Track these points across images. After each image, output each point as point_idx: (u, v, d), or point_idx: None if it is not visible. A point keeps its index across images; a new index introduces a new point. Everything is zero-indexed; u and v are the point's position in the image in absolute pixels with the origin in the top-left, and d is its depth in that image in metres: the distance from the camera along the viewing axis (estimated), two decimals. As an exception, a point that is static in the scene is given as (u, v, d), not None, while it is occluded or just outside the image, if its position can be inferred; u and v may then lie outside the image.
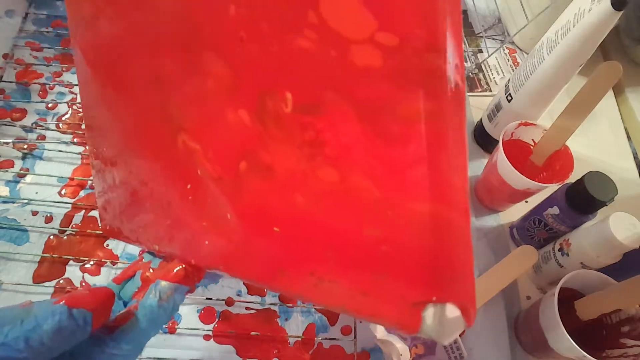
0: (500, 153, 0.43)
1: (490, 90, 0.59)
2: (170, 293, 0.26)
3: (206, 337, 0.42)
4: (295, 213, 0.21)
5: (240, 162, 0.22)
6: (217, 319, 0.43)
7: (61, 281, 0.43)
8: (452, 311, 0.17)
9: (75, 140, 0.50)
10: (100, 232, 0.45)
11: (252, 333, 0.42)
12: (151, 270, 0.28)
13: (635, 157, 0.56)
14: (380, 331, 0.39)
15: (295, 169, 0.20)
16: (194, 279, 0.27)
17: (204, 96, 0.23)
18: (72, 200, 0.47)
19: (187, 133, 0.25)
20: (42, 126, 0.50)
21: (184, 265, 0.27)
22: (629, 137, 0.57)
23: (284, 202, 0.21)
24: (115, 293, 0.26)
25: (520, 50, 0.62)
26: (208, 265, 0.25)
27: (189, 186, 0.26)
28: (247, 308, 0.43)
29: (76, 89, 0.53)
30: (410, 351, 0.39)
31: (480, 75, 0.60)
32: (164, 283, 0.26)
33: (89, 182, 0.48)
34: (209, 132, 0.24)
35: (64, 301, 0.21)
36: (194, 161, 0.25)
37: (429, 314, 0.17)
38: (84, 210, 0.46)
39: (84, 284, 0.43)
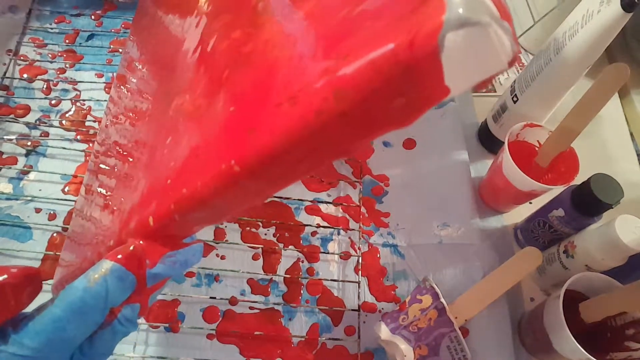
0: (505, 154, 0.43)
1: (495, 91, 0.59)
2: (104, 272, 0.20)
3: (209, 337, 0.42)
4: (267, 62, 0.19)
5: (224, 73, 0.22)
6: (220, 318, 0.42)
7: (64, 279, 0.43)
8: None
9: (78, 137, 0.50)
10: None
11: (256, 333, 0.42)
12: None
13: None
14: (384, 332, 0.39)
15: (274, 23, 0.20)
16: (139, 261, 0.21)
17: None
18: (75, 198, 0.47)
19: (178, 95, 0.25)
20: (45, 123, 0.50)
21: (132, 247, 0.21)
22: (633, 140, 0.57)
23: (258, 63, 0.20)
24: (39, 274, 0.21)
25: (525, 51, 0.62)
26: (169, 207, 0.21)
27: (168, 140, 0.24)
28: (250, 307, 0.43)
29: (80, 86, 0.53)
30: (414, 352, 0.39)
31: (485, 76, 0.60)
32: (102, 263, 0.20)
33: (93, 179, 0.48)
34: (200, 77, 0.24)
35: None
36: (177, 114, 0.24)
37: None
38: (87, 208, 0.46)
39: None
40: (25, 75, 0.53)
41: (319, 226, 0.47)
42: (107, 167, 0.31)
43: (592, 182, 0.38)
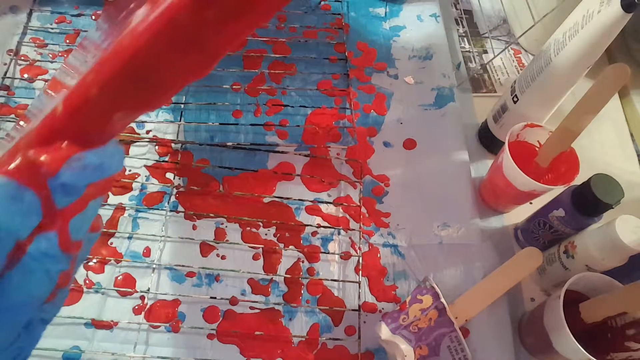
0: (506, 154, 0.43)
1: (495, 91, 0.59)
2: None
3: (210, 336, 0.42)
4: None
5: None
6: (221, 318, 0.42)
7: (65, 279, 0.43)
8: None
9: (79, 137, 0.50)
10: (105, 230, 0.45)
11: (256, 333, 0.42)
12: None
13: (640, 160, 0.56)
14: (384, 332, 0.39)
15: None
16: (36, 172, 0.16)
17: None
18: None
19: None
20: (46, 123, 0.50)
21: (24, 154, 0.16)
22: (633, 140, 0.57)
23: None
24: None
25: (526, 51, 0.62)
26: (86, 79, 0.17)
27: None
28: (251, 307, 0.43)
29: (80, 86, 0.53)
30: (414, 352, 0.39)
31: (485, 76, 0.60)
32: None
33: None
34: None
35: None
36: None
37: None
38: (88, 208, 0.46)
39: (87, 281, 0.43)
40: (25, 75, 0.53)
41: (319, 226, 0.47)
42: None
43: (592, 182, 0.38)
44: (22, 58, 0.54)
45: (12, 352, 0.17)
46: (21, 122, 0.19)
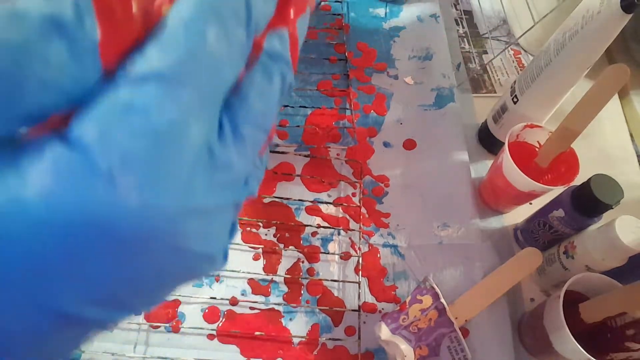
0: (505, 154, 0.43)
1: (495, 92, 0.59)
2: None
3: (210, 337, 0.42)
4: None
5: None
6: (221, 319, 0.43)
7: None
8: None
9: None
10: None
11: (256, 333, 0.42)
12: None
13: (639, 160, 0.56)
14: (384, 332, 0.40)
15: None
16: None
17: None
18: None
19: None
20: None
21: None
22: (633, 140, 0.57)
23: None
24: None
25: (526, 51, 0.62)
26: None
27: None
28: (251, 308, 0.43)
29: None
30: (414, 352, 0.39)
31: (485, 77, 0.60)
32: None
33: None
34: None
35: None
36: None
37: None
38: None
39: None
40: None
41: (319, 226, 0.47)
42: None
43: (592, 182, 0.38)
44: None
45: (259, 174, 0.14)
46: None
